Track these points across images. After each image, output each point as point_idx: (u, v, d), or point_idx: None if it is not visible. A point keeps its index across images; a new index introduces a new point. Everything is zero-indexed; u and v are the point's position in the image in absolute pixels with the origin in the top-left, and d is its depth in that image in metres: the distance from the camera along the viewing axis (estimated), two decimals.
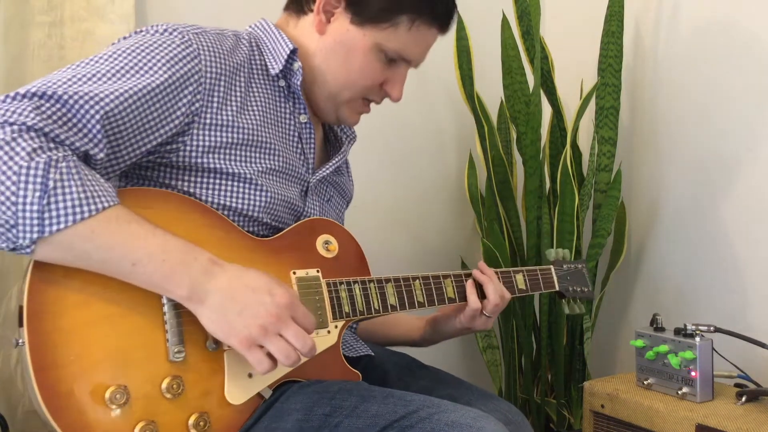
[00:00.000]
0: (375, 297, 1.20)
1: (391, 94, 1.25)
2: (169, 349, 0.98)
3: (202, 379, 1.00)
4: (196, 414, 0.99)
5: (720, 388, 1.55)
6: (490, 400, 1.21)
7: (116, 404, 0.93)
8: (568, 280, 1.48)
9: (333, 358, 1.15)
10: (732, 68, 1.80)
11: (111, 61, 1.02)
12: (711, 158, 1.85)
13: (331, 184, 1.33)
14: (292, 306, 1.00)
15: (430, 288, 1.28)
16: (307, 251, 1.18)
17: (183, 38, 1.08)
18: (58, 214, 0.89)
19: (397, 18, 1.18)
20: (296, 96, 1.21)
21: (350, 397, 1.05)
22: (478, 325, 1.34)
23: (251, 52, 1.19)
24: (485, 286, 1.32)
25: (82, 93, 0.95)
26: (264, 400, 1.07)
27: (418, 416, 1.00)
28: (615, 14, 1.85)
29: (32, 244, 0.89)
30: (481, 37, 2.03)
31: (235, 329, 0.96)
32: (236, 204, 1.11)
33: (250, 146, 1.13)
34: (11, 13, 1.42)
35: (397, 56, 1.21)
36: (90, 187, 0.91)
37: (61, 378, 0.91)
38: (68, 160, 0.91)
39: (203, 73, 1.08)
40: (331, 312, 1.15)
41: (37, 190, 0.87)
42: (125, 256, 0.93)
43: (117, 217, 0.93)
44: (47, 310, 0.92)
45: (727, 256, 1.82)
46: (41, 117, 0.91)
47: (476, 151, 2.06)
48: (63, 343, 0.92)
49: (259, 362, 0.97)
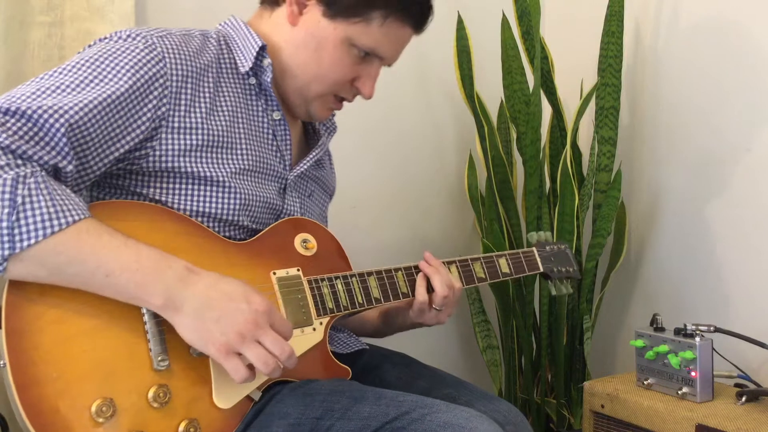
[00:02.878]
0: (358, 291, 1.19)
1: (362, 91, 1.23)
2: (152, 358, 0.97)
3: (188, 385, 1.00)
4: (186, 421, 0.98)
5: (720, 388, 1.55)
6: (489, 401, 1.21)
7: (103, 417, 0.92)
8: (552, 261, 1.47)
9: (321, 355, 1.15)
10: (732, 68, 1.80)
11: (74, 72, 1.02)
12: (711, 158, 1.85)
13: (311, 179, 1.32)
14: (270, 313, 0.99)
15: (412, 278, 1.27)
16: (286, 251, 1.17)
17: (146, 42, 1.07)
18: (28, 230, 0.88)
19: (369, 13, 1.16)
20: (268, 93, 1.20)
21: (342, 399, 1.04)
22: (429, 320, 1.28)
23: (220, 51, 1.17)
24: (432, 278, 1.27)
25: (46, 107, 0.95)
26: (254, 403, 1.06)
27: (410, 417, 1.00)
28: (615, 14, 1.85)
29: (4, 261, 0.88)
30: (481, 37, 2.03)
31: (213, 337, 0.95)
32: (211, 209, 1.10)
33: (221, 148, 1.12)
34: (11, 13, 1.42)
35: (370, 51, 1.19)
36: (59, 201, 0.91)
37: (45, 395, 0.90)
38: (36, 175, 0.90)
39: (168, 76, 1.07)
40: (314, 309, 1.14)
41: (5, 207, 0.87)
42: (98, 268, 0.92)
43: (87, 230, 0.92)
44: (26, 329, 0.91)
45: (727, 256, 1.82)
46: (7, 134, 0.91)
47: (476, 151, 2.06)
48: (44, 361, 0.91)
49: (236, 370, 0.96)
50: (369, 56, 1.20)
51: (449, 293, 1.27)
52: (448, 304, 1.28)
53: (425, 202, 2.15)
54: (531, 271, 1.45)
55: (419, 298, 1.26)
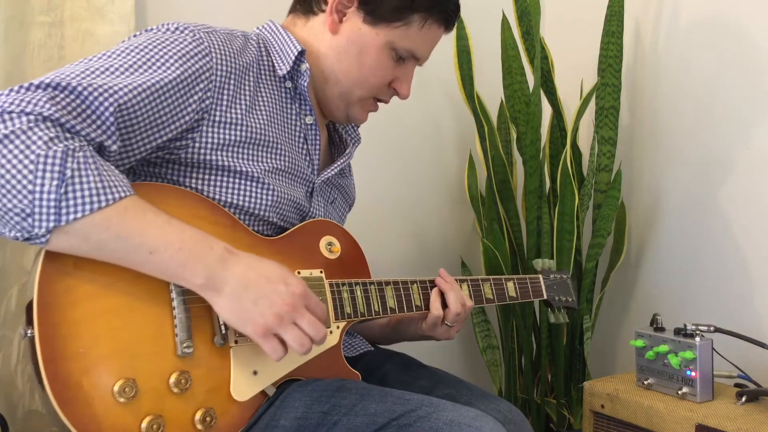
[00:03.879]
0: (375, 299, 1.21)
1: (400, 92, 1.27)
2: (177, 344, 0.98)
3: (208, 374, 1.01)
4: (203, 409, 0.99)
5: (720, 388, 1.55)
6: (490, 400, 1.22)
7: (125, 397, 0.93)
8: (555, 290, 1.51)
9: (334, 359, 1.16)
10: (732, 68, 1.80)
11: (124, 56, 1.03)
12: (711, 158, 1.85)
13: (335, 186, 1.34)
14: (306, 295, 1.01)
15: (427, 292, 1.30)
16: (311, 252, 1.19)
17: (194, 36, 1.09)
18: (75, 203, 0.89)
19: (410, 17, 1.20)
20: (303, 97, 1.22)
21: (349, 396, 1.05)
22: (439, 334, 1.32)
23: (259, 53, 1.19)
24: (447, 294, 1.30)
25: (97, 85, 0.96)
26: (267, 398, 1.07)
27: (416, 415, 1.01)
28: (615, 14, 1.85)
29: (48, 233, 0.89)
30: (481, 37, 2.03)
31: (251, 318, 0.97)
32: (244, 202, 1.12)
33: (258, 145, 1.14)
34: (11, 13, 1.42)
35: (408, 54, 1.23)
36: (106, 177, 0.92)
37: (70, 370, 0.91)
38: (84, 150, 0.91)
39: (214, 70, 1.09)
40: (333, 312, 1.16)
41: (54, 179, 0.88)
42: (142, 245, 0.93)
43: (134, 207, 0.93)
44: (57, 302, 0.92)
45: (727, 256, 1.82)
46: (57, 107, 0.91)
47: (476, 151, 2.06)
48: (73, 335, 0.92)
49: (274, 350, 0.99)
50: (406, 58, 1.24)
51: (461, 310, 1.30)
52: (459, 320, 1.31)
53: (425, 202, 2.15)
54: (535, 298, 1.48)
55: (434, 312, 1.29)
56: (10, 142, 0.87)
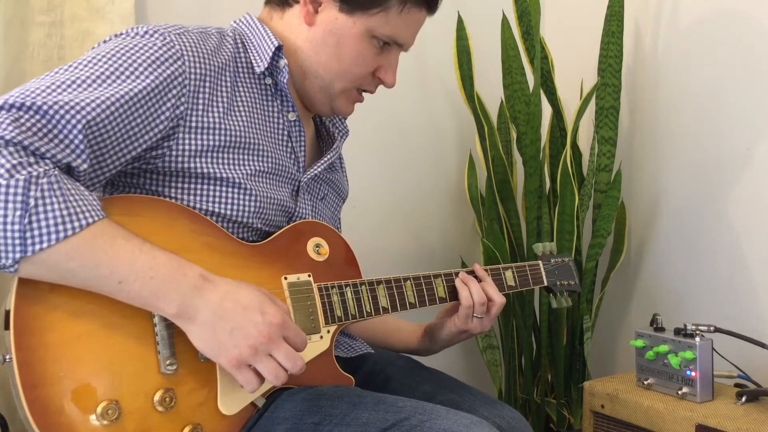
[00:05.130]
0: (367, 300, 1.18)
1: (386, 80, 1.22)
2: (160, 362, 0.97)
3: (194, 390, 0.99)
4: (190, 426, 0.98)
5: (720, 388, 1.55)
6: (493, 406, 1.20)
7: (108, 419, 0.91)
8: (556, 275, 1.47)
9: (326, 363, 1.14)
10: (732, 68, 1.80)
11: (91, 66, 0.99)
12: (711, 158, 1.85)
13: (324, 182, 1.31)
14: (284, 325, 0.98)
15: (421, 288, 1.26)
16: (298, 255, 1.15)
17: (165, 40, 1.05)
18: (41, 233, 0.86)
19: (387, 2, 1.15)
20: (284, 94, 1.18)
21: (340, 404, 1.04)
22: (473, 327, 1.30)
23: (236, 50, 1.16)
24: (470, 285, 1.28)
25: (62, 102, 0.92)
26: (257, 409, 1.06)
27: (409, 423, 0.99)
28: (615, 14, 1.85)
29: (15, 263, 0.87)
30: (481, 37, 2.03)
31: (225, 348, 0.95)
32: (226, 210, 1.09)
33: (238, 148, 1.10)
34: (11, 13, 1.42)
35: (390, 41, 1.18)
36: (73, 202, 0.89)
37: (51, 395, 0.89)
38: (49, 175, 0.88)
39: (187, 74, 1.05)
40: (323, 317, 1.13)
41: (17, 209, 0.85)
42: (111, 274, 0.90)
43: (102, 233, 0.90)
44: (34, 326, 0.90)
45: (727, 256, 1.82)
46: (20, 130, 0.88)
47: (476, 151, 2.06)
48: (51, 360, 0.90)
49: (248, 382, 0.97)
50: (388, 45, 1.19)
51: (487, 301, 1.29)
52: (483, 312, 1.30)
53: (425, 202, 2.15)
54: (535, 285, 1.45)
55: (465, 302, 1.27)
56: None
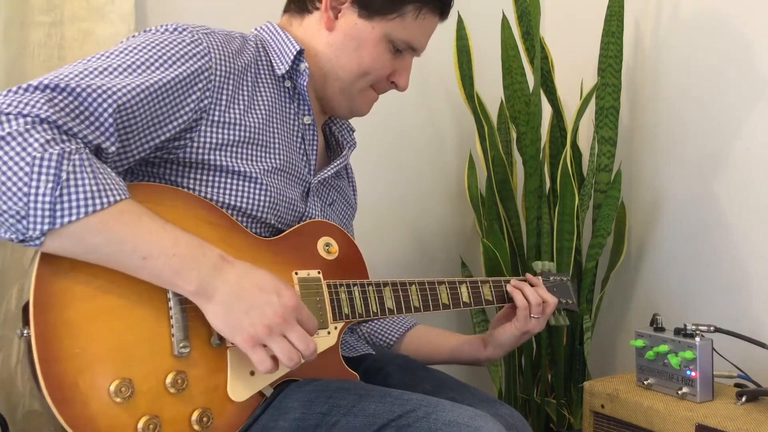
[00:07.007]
0: (373, 300, 1.21)
1: (399, 84, 1.28)
2: (174, 344, 0.99)
3: (205, 375, 1.01)
4: (199, 410, 0.99)
5: (720, 388, 1.55)
6: (492, 405, 1.21)
7: (121, 397, 0.93)
8: (555, 292, 1.48)
9: (332, 359, 1.16)
10: (732, 68, 1.80)
11: (123, 56, 1.03)
12: (711, 158, 1.85)
13: (333, 188, 1.34)
14: (298, 308, 1.01)
15: (425, 293, 1.29)
16: (309, 252, 1.18)
17: (193, 37, 1.09)
18: (70, 206, 0.89)
19: (404, 8, 1.20)
20: (302, 97, 1.22)
21: (348, 396, 1.05)
22: (533, 327, 1.37)
23: (257, 54, 1.20)
24: (523, 289, 1.38)
25: (95, 86, 0.96)
26: (265, 399, 1.07)
27: (415, 415, 1.01)
28: (615, 14, 1.85)
29: (42, 235, 0.89)
30: (481, 37, 2.03)
31: (241, 327, 0.97)
32: (241, 203, 1.12)
33: (256, 145, 1.14)
34: (11, 13, 1.42)
35: (405, 46, 1.24)
36: (102, 180, 0.91)
37: (66, 370, 0.91)
38: (81, 152, 0.91)
39: (213, 71, 1.09)
40: (331, 313, 1.16)
41: (49, 182, 0.88)
42: (135, 250, 0.93)
43: (129, 211, 0.93)
44: (54, 302, 0.92)
45: (727, 256, 1.82)
46: (54, 109, 0.91)
47: (476, 151, 2.06)
48: (69, 335, 0.92)
49: (261, 361, 0.98)
50: (404, 50, 1.24)
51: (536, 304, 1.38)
52: (538, 312, 1.39)
53: (425, 201, 2.15)
54: None
55: (521, 304, 1.36)
56: (6, 144, 0.87)
